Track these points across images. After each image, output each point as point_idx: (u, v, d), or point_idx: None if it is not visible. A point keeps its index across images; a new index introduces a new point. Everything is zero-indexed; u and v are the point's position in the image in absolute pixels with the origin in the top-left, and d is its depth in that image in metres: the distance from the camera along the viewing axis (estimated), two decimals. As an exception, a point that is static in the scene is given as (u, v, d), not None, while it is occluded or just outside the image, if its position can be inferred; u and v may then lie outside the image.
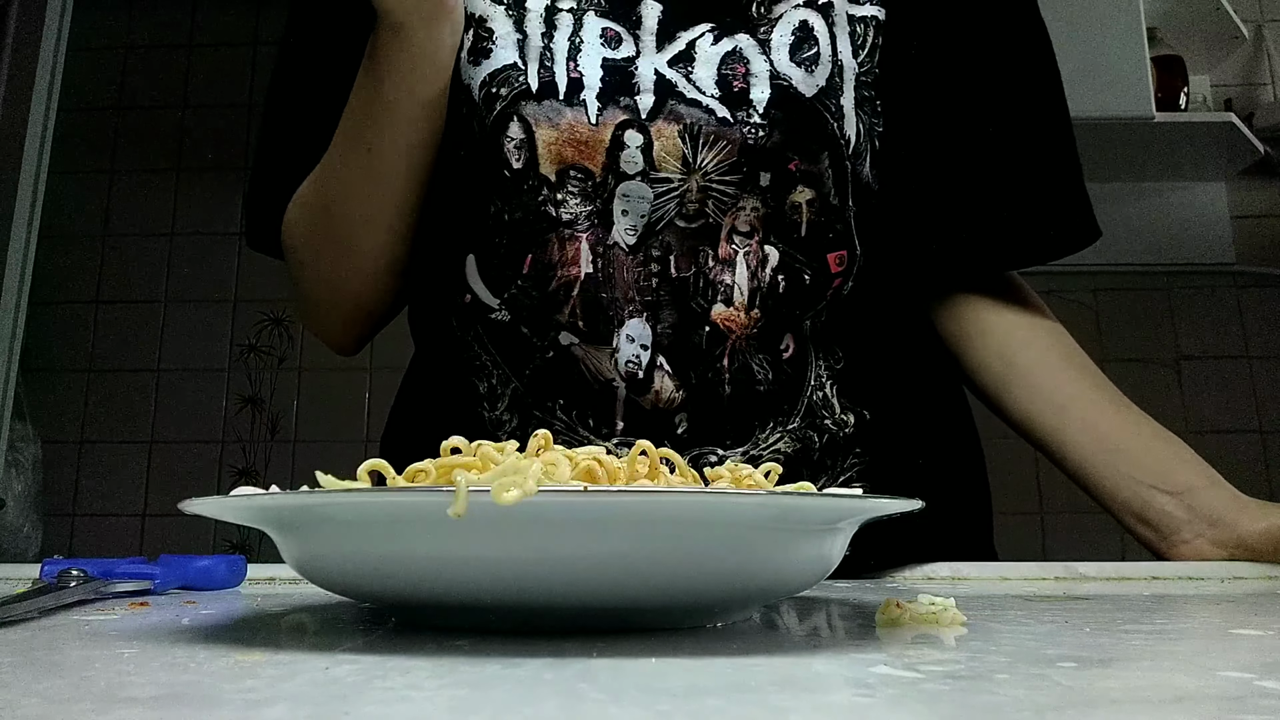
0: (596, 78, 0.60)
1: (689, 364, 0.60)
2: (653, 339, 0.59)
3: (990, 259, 0.70)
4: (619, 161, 0.59)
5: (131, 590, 0.44)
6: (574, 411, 0.61)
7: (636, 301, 0.59)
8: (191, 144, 2.23)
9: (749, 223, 0.60)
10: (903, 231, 0.68)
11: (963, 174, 0.69)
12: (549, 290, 0.60)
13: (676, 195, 0.59)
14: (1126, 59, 1.70)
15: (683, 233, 0.60)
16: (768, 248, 0.61)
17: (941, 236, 0.69)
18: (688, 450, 0.60)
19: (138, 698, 0.21)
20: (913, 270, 0.70)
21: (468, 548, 0.27)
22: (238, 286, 2.15)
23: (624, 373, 0.59)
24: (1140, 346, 1.96)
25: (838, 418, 0.63)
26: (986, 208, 0.69)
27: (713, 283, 0.60)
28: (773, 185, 0.60)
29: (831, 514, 0.31)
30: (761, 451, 0.61)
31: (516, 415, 0.62)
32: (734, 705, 0.20)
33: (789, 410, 0.62)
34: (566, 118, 0.60)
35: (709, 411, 0.61)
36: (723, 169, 0.60)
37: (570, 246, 0.60)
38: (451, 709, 0.19)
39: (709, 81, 0.60)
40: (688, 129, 0.59)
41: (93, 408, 2.11)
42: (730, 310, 0.60)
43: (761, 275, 0.60)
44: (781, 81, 0.61)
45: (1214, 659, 0.26)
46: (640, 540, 0.27)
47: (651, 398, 0.60)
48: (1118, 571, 0.56)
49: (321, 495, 0.28)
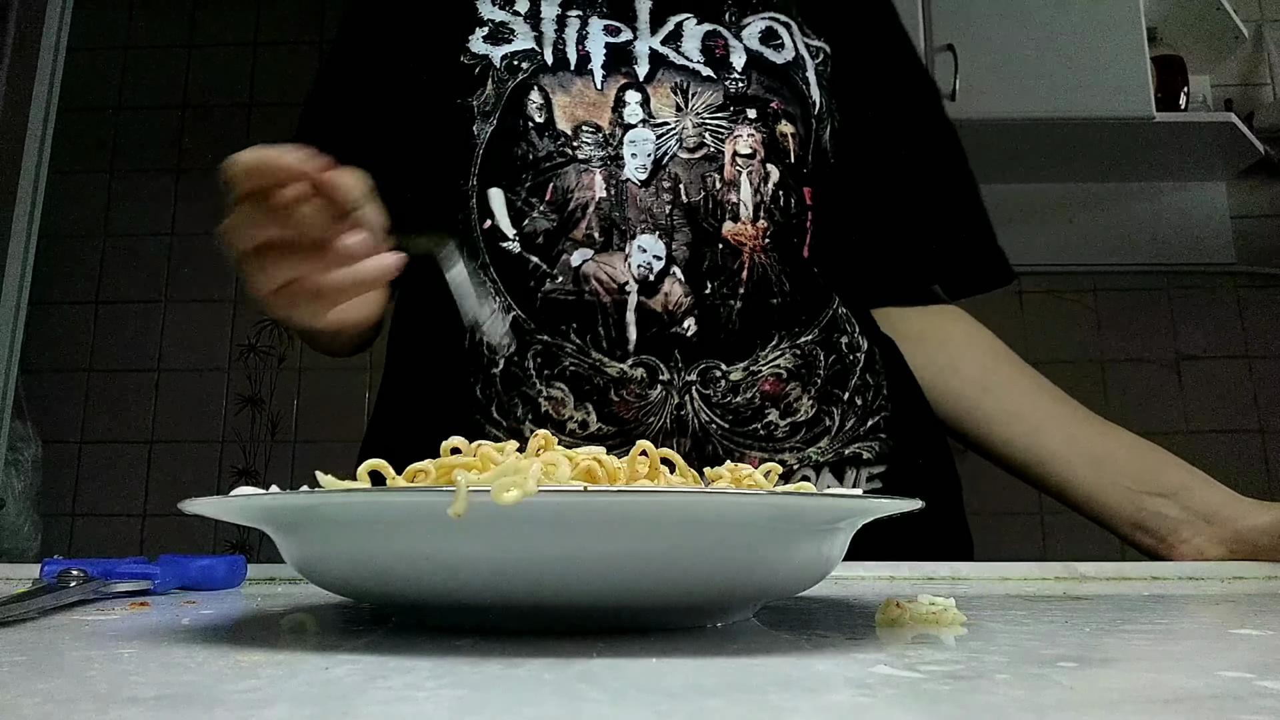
0: (601, 55, 0.70)
1: (705, 277, 0.65)
2: (666, 253, 0.65)
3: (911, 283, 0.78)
4: (623, 116, 0.67)
5: (131, 590, 0.44)
6: (587, 335, 0.64)
7: (649, 223, 0.65)
8: (191, 144, 2.23)
9: (750, 146, 0.67)
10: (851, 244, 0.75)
11: (890, 209, 0.77)
12: (567, 211, 0.66)
13: (675, 133, 0.67)
14: (1126, 59, 1.70)
15: (688, 163, 0.66)
16: (769, 166, 0.68)
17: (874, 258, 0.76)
18: (693, 363, 0.64)
19: (138, 698, 0.21)
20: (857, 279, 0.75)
21: (468, 548, 0.27)
22: (238, 286, 2.14)
23: (636, 275, 0.64)
24: (1140, 346, 1.96)
25: (854, 339, 0.68)
26: (908, 238, 0.77)
27: (721, 203, 0.66)
28: (760, 118, 0.68)
29: (831, 514, 0.31)
30: (761, 367, 0.65)
31: (515, 341, 0.65)
32: (734, 705, 0.20)
33: (807, 322, 0.67)
34: (577, 85, 0.69)
35: (716, 320, 0.64)
36: (712, 109, 0.68)
37: (586, 177, 0.67)
38: (451, 709, 0.19)
39: (695, 51, 0.70)
40: (678, 85, 0.69)
41: (93, 408, 2.11)
42: (739, 225, 0.66)
43: (764, 190, 0.67)
44: (754, 53, 0.71)
45: (1214, 659, 0.26)
46: (640, 540, 0.27)
47: (661, 299, 0.64)
48: (1118, 571, 0.56)
49: (321, 495, 0.28)
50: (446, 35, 0.72)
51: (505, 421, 0.65)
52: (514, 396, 0.65)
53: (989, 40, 1.71)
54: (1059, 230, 1.96)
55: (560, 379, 0.64)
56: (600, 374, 0.63)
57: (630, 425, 0.62)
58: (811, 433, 0.65)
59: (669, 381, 0.63)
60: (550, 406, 0.63)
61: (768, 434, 0.64)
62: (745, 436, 0.63)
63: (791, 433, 0.65)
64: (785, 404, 0.65)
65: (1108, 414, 0.71)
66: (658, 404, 0.63)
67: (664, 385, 0.63)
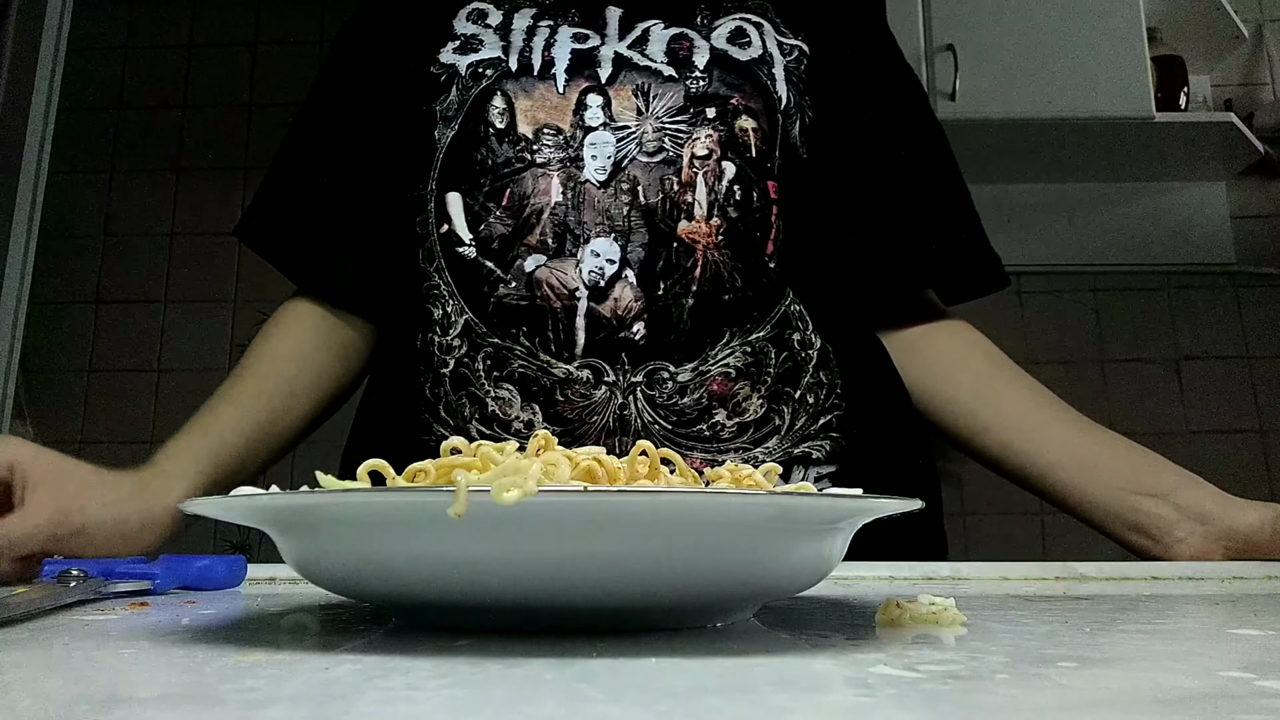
0: (565, 59, 0.71)
1: (658, 277, 0.66)
2: (621, 256, 0.65)
3: (903, 284, 0.77)
4: (584, 119, 0.69)
5: (131, 590, 0.44)
6: (536, 338, 0.65)
7: (605, 225, 0.66)
8: (191, 144, 2.23)
9: (706, 147, 0.68)
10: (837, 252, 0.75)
11: (878, 210, 0.77)
12: (523, 217, 0.67)
13: (635, 137, 0.68)
14: (1126, 59, 1.70)
15: (646, 166, 0.67)
16: (725, 163, 0.68)
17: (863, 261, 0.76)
18: (640, 365, 0.64)
19: (138, 698, 0.21)
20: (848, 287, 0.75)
21: (468, 548, 0.27)
22: (238, 286, 2.14)
23: (587, 281, 0.65)
24: (1140, 346, 1.96)
25: (807, 336, 0.68)
26: (898, 239, 0.76)
27: (677, 203, 0.67)
28: (719, 116, 0.69)
29: (831, 514, 0.31)
30: (710, 367, 0.65)
31: (466, 343, 0.67)
32: (734, 705, 0.20)
33: (758, 318, 0.67)
34: (539, 89, 0.70)
35: (667, 321, 0.65)
36: (671, 112, 0.69)
37: (544, 181, 0.68)
38: (451, 709, 0.19)
39: (659, 53, 0.71)
40: (639, 87, 0.70)
41: (93, 408, 2.11)
42: (693, 224, 0.67)
43: (719, 188, 0.68)
44: (719, 52, 0.71)
45: (1214, 659, 0.26)
46: (640, 540, 0.27)
47: (611, 304, 0.64)
48: (1118, 571, 0.56)
49: (321, 495, 0.28)
50: (420, 49, 0.74)
51: (452, 421, 0.66)
52: (462, 396, 0.66)
53: (989, 40, 1.71)
54: (1059, 230, 1.96)
55: (509, 380, 0.65)
56: (547, 375, 0.64)
57: (574, 425, 0.63)
58: (760, 432, 0.65)
59: (614, 382, 0.64)
60: (497, 406, 0.65)
61: (713, 434, 0.65)
62: (688, 437, 0.64)
63: (739, 433, 0.65)
64: (734, 404, 0.65)
65: (1108, 414, 0.71)
66: (601, 404, 0.64)
67: (609, 386, 0.64)
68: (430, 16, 0.76)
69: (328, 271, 0.77)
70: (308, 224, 0.77)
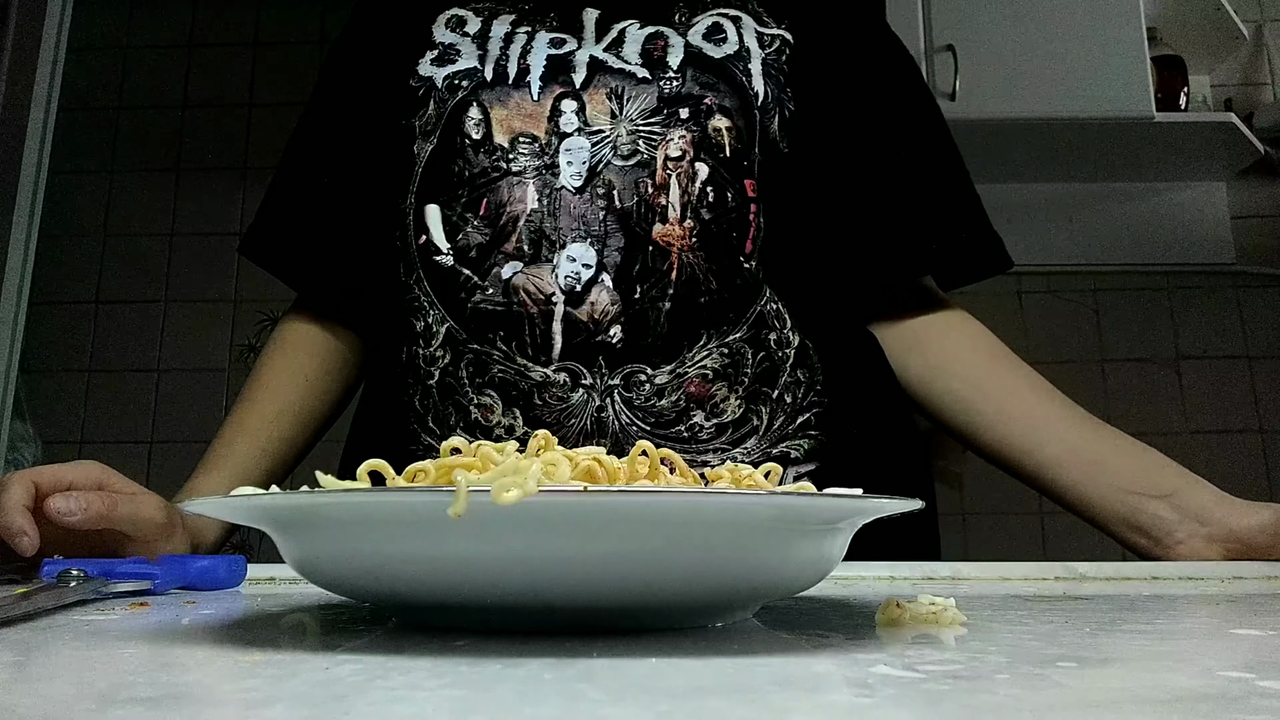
0: (541, 66, 0.71)
1: (635, 281, 0.66)
2: (597, 260, 0.66)
3: (901, 267, 0.76)
4: (559, 125, 0.69)
5: (131, 590, 0.44)
6: (513, 342, 0.66)
7: (581, 230, 0.66)
8: (191, 144, 2.23)
9: (680, 148, 0.68)
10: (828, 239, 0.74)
11: (872, 195, 0.76)
12: (499, 225, 0.68)
13: (609, 141, 0.68)
14: (1126, 59, 1.70)
15: (621, 170, 0.68)
16: (698, 164, 0.68)
17: (860, 245, 0.75)
18: (618, 368, 0.65)
19: (138, 698, 0.21)
20: (841, 275, 0.75)
21: (468, 548, 0.27)
22: (238, 286, 2.14)
23: (563, 286, 0.65)
24: (1140, 346, 1.96)
25: (784, 335, 0.67)
26: (895, 222, 0.75)
27: (651, 206, 0.67)
28: (692, 116, 0.69)
29: (831, 514, 0.31)
30: (687, 369, 0.65)
31: (449, 352, 0.67)
32: (734, 705, 0.20)
33: (735, 320, 0.67)
34: (514, 97, 0.70)
35: (644, 324, 0.65)
36: (645, 114, 0.69)
37: (519, 189, 0.68)
38: (451, 709, 0.19)
39: (634, 55, 0.71)
40: (613, 91, 0.70)
41: (93, 408, 2.11)
42: (667, 227, 0.67)
43: (691, 189, 0.67)
44: (693, 50, 0.71)
45: (1214, 659, 0.26)
46: (640, 540, 0.27)
47: (588, 309, 0.65)
48: (1118, 571, 0.56)
49: (321, 495, 0.28)
50: (400, 60, 0.75)
51: (440, 430, 0.67)
52: (448, 405, 0.67)
53: (989, 40, 1.71)
54: (1059, 230, 1.96)
55: (490, 386, 0.66)
56: (525, 378, 0.65)
57: (552, 428, 0.63)
58: (738, 433, 0.66)
59: (591, 385, 0.64)
60: (480, 413, 0.66)
61: (691, 435, 0.65)
62: (666, 439, 0.64)
63: (717, 433, 0.65)
64: (711, 405, 0.65)
65: (1108, 414, 0.71)
66: (579, 406, 0.64)
67: (586, 389, 0.64)
68: (411, 26, 0.76)
69: (322, 287, 0.80)
70: (303, 240, 0.79)
